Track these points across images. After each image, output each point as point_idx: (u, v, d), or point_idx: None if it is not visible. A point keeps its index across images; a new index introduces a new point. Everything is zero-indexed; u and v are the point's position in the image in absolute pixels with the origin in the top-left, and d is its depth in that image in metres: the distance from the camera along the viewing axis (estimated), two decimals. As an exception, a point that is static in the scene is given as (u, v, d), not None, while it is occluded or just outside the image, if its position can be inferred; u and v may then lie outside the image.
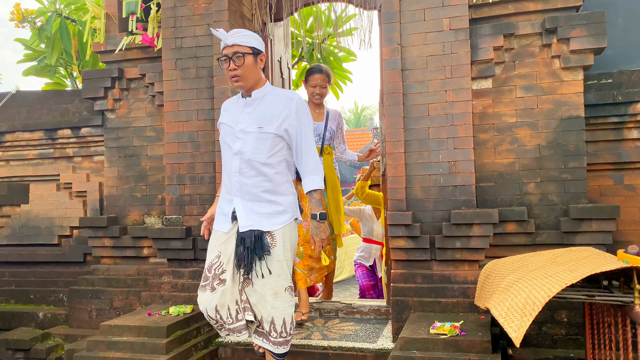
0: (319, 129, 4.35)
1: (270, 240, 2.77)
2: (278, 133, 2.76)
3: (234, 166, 2.79)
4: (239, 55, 2.69)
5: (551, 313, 3.48)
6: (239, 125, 2.81)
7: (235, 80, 2.74)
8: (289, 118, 2.77)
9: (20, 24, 5.76)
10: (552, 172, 3.63)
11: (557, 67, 3.64)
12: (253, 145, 2.76)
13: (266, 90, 2.84)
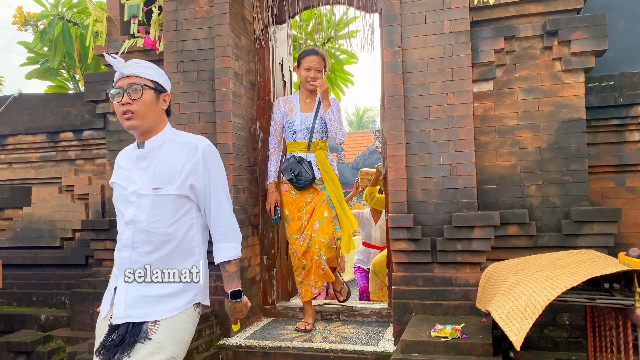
0: (306, 121, 4.10)
1: (152, 327, 2.08)
2: (181, 193, 2.13)
3: (126, 238, 2.14)
4: (137, 87, 2.12)
5: (553, 316, 3.47)
6: (131, 185, 2.16)
7: (127, 118, 2.13)
8: (194, 172, 2.14)
9: (23, 27, 5.78)
10: (553, 175, 3.63)
11: (558, 70, 3.64)
12: (149, 211, 2.11)
13: (165, 138, 2.20)
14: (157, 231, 2.11)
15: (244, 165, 4.33)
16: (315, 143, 4.08)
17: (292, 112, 4.17)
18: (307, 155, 4.10)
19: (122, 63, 2.17)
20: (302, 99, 4.15)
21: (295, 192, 4.12)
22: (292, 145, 4.17)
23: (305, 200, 4.15)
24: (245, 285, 4.25)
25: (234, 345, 3.83)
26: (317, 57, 4.06)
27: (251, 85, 4.57)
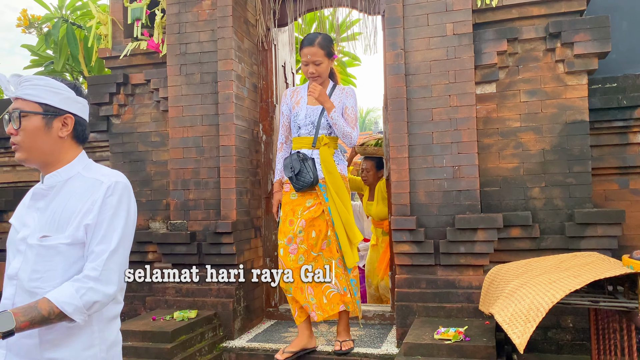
0: (312, 115, 3.63)
1: None
2: (74, 241, 1.63)
3: (5, 297, 1.66)
4: (15, 114, 1.67)
5: (556, 318, 3.46)
6: (23, 230, 1.71)
7: (14, 150, 1.73)
8: (90, 212, 1.64)
9: (27, 29, 5.80)
10: (556, 177, 3.62)
11: (561, 72, 3.63)
12: (32, 266, 1.64)
13: (71, 172, 1.74)
14: (41, 292, 1.58)
15: (247, 167, 4.34)
16: (320, 139, 3.59)
17: (299, 104, 3.72)
18: (312, 152, 3.62)
19: (4, 82, 1.69)
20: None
21: (296, 193, 3.64)
22: (297, 140, 3.73)
23: (304, 205, 3.62)
24: (248, 288, 4.26)
25: (236, 347, 3.83)
26: (313, 49, 3.50)
27: (254, 87, 4.58)
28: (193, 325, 3.72)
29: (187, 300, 4.09)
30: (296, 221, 3.56)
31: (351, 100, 3.62)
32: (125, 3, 4.62)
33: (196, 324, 3.75)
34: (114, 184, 1.69)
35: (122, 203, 1.70)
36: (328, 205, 3.56)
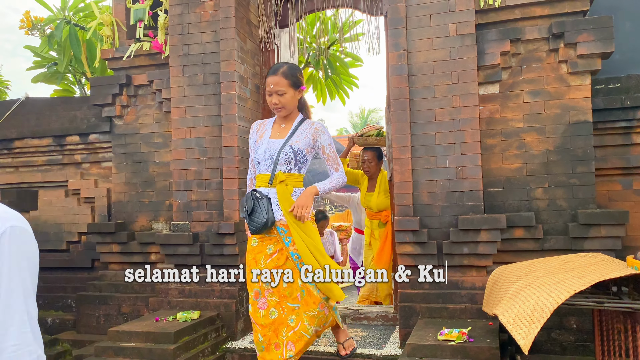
0: (272, 149, 3.15)
1: None
2: None
3: None
4: None
5: (560, 319, 3.45)
6: None
7: None
8: None
9: (30, 31, 5.81)
10: (560, 177, 3.61)
11: (565, 72, 3.62)
12: None
13: None
14: None
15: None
16: (277, 176, 3.10)
17: (262, 138, 3.28)
18: (269, 190, 3.14)
19: None
20: (278, 122, 3.27)
21: (256, 239, 3.16)
22: (258, 178, 3.26)
23: (265, 252, 3.15)
24: (250, 289, 4.25)
25: (239, 348, 3.82)
26: (276, 77, 3.08)
27: (256, 88, 4.58)
28: (196, 326, 3.72)
29: (189, 301, 4.09)
30: (261, 272, 3.11)
31: (325, 137, 3.18)
32: (128, 4, 4.63)
33: (199, 325, 3.75)
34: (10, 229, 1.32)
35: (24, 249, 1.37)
36: (290, 250, 3.09)
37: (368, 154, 5.22)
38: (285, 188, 3.11)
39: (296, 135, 3.15)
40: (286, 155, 3.12)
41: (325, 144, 3.18)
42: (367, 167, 5.22)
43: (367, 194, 5.24)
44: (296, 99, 3.19)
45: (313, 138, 3.16)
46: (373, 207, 5.13)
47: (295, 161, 3.13)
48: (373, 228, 5.20)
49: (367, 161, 5.20)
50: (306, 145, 3.15)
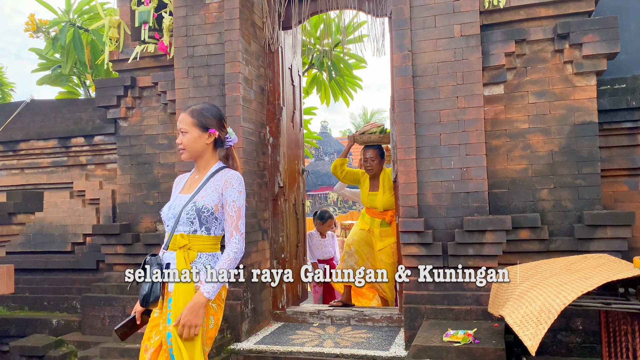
0: (177, 206, 2.50)
1: None
2: None
3: None
4: None
5: (566, 321, 3.44)
6: None
7: None
8: None
9: (35, 34, 5.84)
10: (565, 178, 3.60)
11: (570, 73, 3.62)
12: None
13: None
14: None
15: (254, 169, 4.34)
16: (176, 239, 2.43)
17: (174, 193, 2.69)
18: (166, 256, 2.46)
19: None
20: (194, 173, 2.64)
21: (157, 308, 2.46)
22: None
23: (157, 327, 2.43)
24: (255, 290, 4.26)
25: (244, 350, 3.82)
26: (182, 114, 2.54)
27: (261, 90, 4.58)
28: (201, 327, 3.71)
29: (194, 303, 4.08)
30: (149, 348, 2.43)
31: (232, 191, 2.45)
32: (133, 6, 4.64)
33: (204, 326, 3.74)
34: None
35: None
36: (169, 329, 2.32)
37: (370, 152, 5.15)
38: (185, 254, 2.42)
39: (204, 189, 2.48)
40: (188, 214, 2.45)
41: (230, 200, 2.45)
42: (369, 166, 5.15)
43: (370, 193, 5.19)
44: (202, 142, 2.51)
45: (221, 191, 2.46)
46: (379, 207, 5.09)
47: (199, 221, 2.43)
48: (374, 226, 5.15)
49: (369, 159, 5.13)
50: (213, 201, 2.44)
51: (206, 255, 2.47)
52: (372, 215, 5.18)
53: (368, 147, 5.18)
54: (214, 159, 2.59)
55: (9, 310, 5.06)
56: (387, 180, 5.05)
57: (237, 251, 2.40)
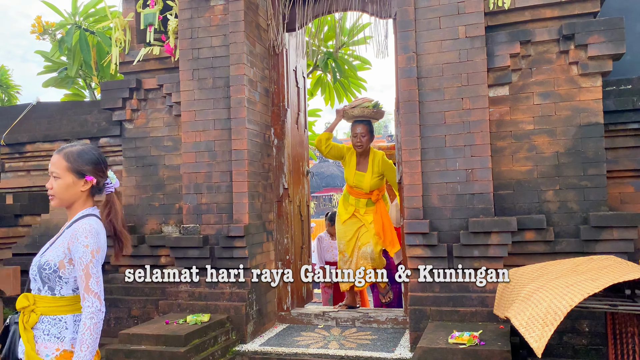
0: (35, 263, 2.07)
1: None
2: None
3: None
4: None
5: (572, 323, 3.42)
6: None
7: None
8: None
9: (41, 36, 5.87)
10: (571, 180, 3.59)
11: (575, 74, 3.61)
12: None
13: None
14: None
15: (259, 171, 4.35)
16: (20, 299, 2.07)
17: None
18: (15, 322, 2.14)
19: None
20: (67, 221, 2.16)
21: None
22: None
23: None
24: (260, 292, 4.26)
25: (249, 351, 3.82)
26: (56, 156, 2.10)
27: (265, 92, 4.59)
28: (206, 329, 3.73)
29: (199, 304, 4.10)
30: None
31: (78, 247, 1.97)
32: (138, 9, 4.66)
33: (209, 327, 3.76)
34: None
35: None
36: None
37: (360, 127, 4.86)
38: (28, 317, 2.04)
39: (56, 242, 2.08)
40: (32, 270, 2.09)
41: (76, 257, 1.97)
42: (359, 142, 4.88)
43: (357, 172, 4.94)
44: (75, 190, 2.08)
45: (67, 246, 2.00)
46: (365, 188, 4.89)
47: (41, 279, 2.03)
48: (359, 206, 4.94)
49: (359, 135, 4.86)
50: (58, 256, 2.01)
51: (49, 319, 2.03)
52: (357, 196, 4.96)
53: (358, 122, 4.90)
54: (86, 206, 2.12)
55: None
56: (377, 164, 4.87)
57: (92, 317, 1.93)
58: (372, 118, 4.97)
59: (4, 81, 7.93)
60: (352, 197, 5.01)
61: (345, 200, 5.10)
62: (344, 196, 5.17)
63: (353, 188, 5.00)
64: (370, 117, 4.93)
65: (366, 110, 4.84)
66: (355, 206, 4.97)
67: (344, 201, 5.12)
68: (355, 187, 4.98)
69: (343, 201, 5.16)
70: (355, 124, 4.94)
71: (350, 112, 4.90)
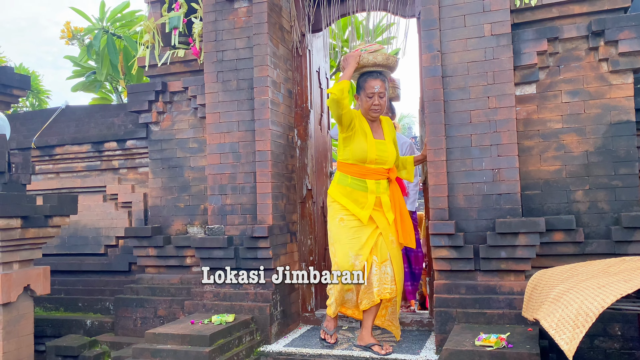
0: None
1: None
2: None
3: None
4: None
5: (603, 326, 3.34)
6: None
7: None
8: None
9: (70, 41, 6.00)
10: (601, 179, 3.50)
11: (605, 71, 3.52)
12: None
13: None
14: None
15: (282, 172, 4.36)
16: None
17: None
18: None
19: None
20: None
21: None
22: None
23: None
24: (284, 292, 4.26)
25: (274, 352, 3.83)
26: None
27: (289, 93, 4.60)
28: (231, 329, 3.74)
29: (224, 304, 4.12)
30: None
31: None
32: (164, 12, 4.72)
33: (234, 328, 3.78)
34: None
35: None
36: None
37: (380, 83, 3.57)
38: None
39: None
40: None
41: None
42: (377, 104, 3.57)
43: (377, 141, 3.58)
44: None
45: None
46: (390, 160, 3.60)
47: None
48: (380, 192, 3.54)
49: (377, 95, 3.56)
50: None
51: None
52: (376, 177, 3.55)
53: (375, 76, 3.59)
54: None
55: (46, 311, 5.19)
56: (390, 129, 3.74)
57: None
58: (391, 69, 3.74)
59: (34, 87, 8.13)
60: (369, 180, 3.54)
61: (353, 188, 3.55)
62: (347, 184, 3.57)
63: (371, 166, 3.53)
64: (392, 66, 3.70)
65: (391, 58, 3.63)
66: (376, 193, 3.54)
67: (352, 191, 3.55)
68: (375, 163, 3.54)
69: (348, 191, 3.56)
70: (370, 77, 3.58)
71: (373, 58, 3.58)
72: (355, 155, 3.53)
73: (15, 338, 3.80)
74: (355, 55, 3.59)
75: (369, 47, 3.63)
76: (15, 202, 3.71)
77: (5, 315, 3.72)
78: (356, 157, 3.53)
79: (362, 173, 3.56)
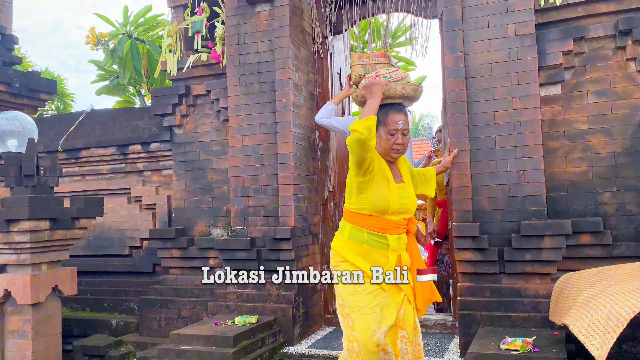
0: None
1: None
2: None
3: None
4: None
5: (632, 330, 3.27)
6: None
7: None
8: None
9: (95, 46, 6.11)
10: (629, 181, 3.44)
11: (633, 70, 3.46)
12: None
13: None
14: None
15: (304, 174, 4.37)
16: None
17: None
18: None
19: None
20: None
21: None
22: None
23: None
24: (306, 294, 4.27)
25: (296, 353, 3.84)
26: None
27: (310, 95, 4.62)
28: (254, 330, 3.77)
29: (247, 306, 4.15)
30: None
31: None
32: (186, 16, 4.77)
33: (257, 329, 3.80)
34: None
35: None
36: None
37: (403, 118, 2.84)
38: None
39: None
40: None
41: None
42: (400, 145, 2.81)
43: (399, 186, 2.80)
44: None
45: None
46: (412, 209, 2.85)
47: None
48: (401, 249, 2.78)
49: (401, 132, 2.80)
50: None
51: None
52: (398, 232, 2.78)
53: (399, 109, 2.87)
54: None
55: (72, 311, 5.28)
56: (407, 167, 3.02)
57: None
58: (415, 100, 3.03)
59: (60, 90, 8.29)
60: (390, 235, 2.75)
61: (371, 246, 2.74)
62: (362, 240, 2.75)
63: (392, 217, 2.76)
64: (418, 98, 3.02)
65: (419, 89, 2.96)
66: (398, 250, 2.78)
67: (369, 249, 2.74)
68: (397, 214, 2.77)
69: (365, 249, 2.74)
70: (393, 110, 2.85)
71: (402, 89, 2.87)
72: (375, 205, 2.72)
73: (44, 337, 3.88)
74: (381, 84, 2.80)
75: (393, 73, 2.97)
76: (43, 204, 3.79)
77: (34, 315, 3.80)
78: (375, 207, 2.72)
79: (382, 227, 2.75)
